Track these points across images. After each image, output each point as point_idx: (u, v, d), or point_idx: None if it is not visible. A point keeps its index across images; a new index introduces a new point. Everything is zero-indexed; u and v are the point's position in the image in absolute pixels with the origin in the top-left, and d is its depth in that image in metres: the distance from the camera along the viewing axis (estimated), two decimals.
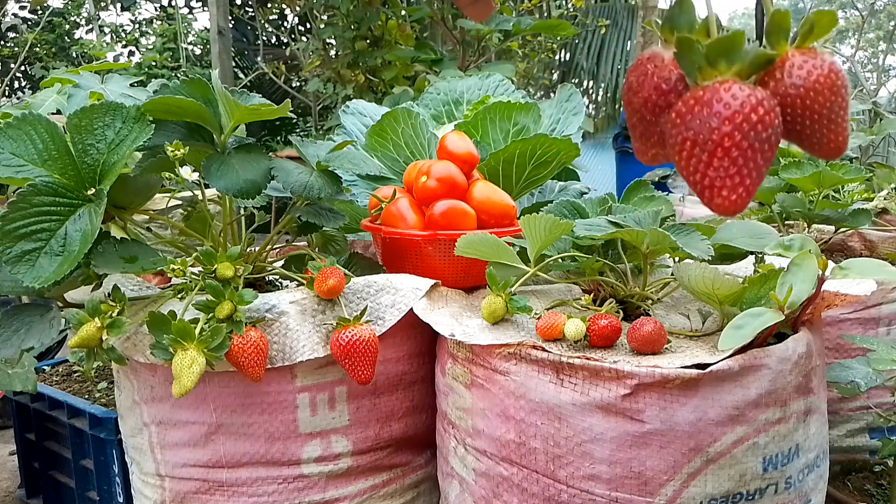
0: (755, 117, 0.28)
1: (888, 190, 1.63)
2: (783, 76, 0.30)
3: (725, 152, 0.28)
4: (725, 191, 0.28)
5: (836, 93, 0.30)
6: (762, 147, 0.28)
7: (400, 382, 0.91)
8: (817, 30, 0.30)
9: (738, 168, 0.28)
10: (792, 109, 0.30)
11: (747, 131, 0.28)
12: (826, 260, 0.70)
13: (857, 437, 1.30)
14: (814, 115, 0.30)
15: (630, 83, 0.32)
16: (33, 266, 0.73)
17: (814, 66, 0.30)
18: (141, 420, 0.88)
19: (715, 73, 0.29)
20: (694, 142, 0.28)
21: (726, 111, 0.28)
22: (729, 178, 0.28)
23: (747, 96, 0.28)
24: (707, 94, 0.28)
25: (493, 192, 0.98)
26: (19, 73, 6.19)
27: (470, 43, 2.83)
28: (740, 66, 0.29)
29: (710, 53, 0.29)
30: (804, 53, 0.30)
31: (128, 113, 0.80)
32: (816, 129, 0.30)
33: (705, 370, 0.68)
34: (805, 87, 0.29)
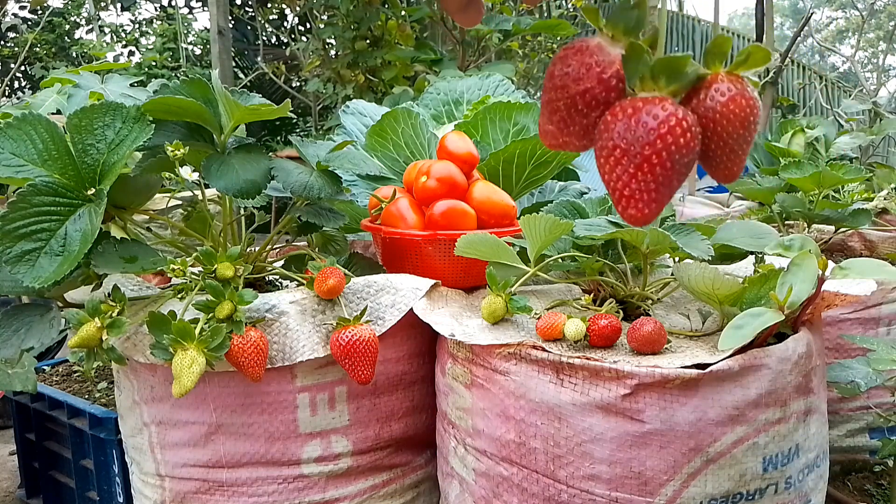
0: (682, 141, 0.29)
1: (888, 190, 1.63)
2: (705, 97, 0.31)
3: (650, 168, 0.29)
4: (641, 203, 0.29)
5: (745, 124, 0.31)
6: (679, 169, 0.29)
7: (400, 382, 0.91)
8: (751, 61, 0.31)
9: (658, 185, 0.29)
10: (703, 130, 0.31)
11: (673, 152, 0.29)
12: (826, 260, 0.70)
13: (857, 437, 1.30)
14: (720, 140, 0.31)
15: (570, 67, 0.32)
16: (33, 266, 0.73)
17: (734, 94, 0.30)
18: (141, 420, 0.88)
19: (654, 88, 0.30)
20: (624, 150, 0.29)
21: (660, 129, 0.28)
22: (647, 192, 0.29)
23: (680, 119, 0.29)
24: (645, 107, 0.29)
25: (493, 192, 0.98)
26: (19, 73, 6.19)
27: (470, 43, 2.83)
28: (677, 87, 0.30)
29: (655, 68, 0.30)
30: (731, 80, 0.31)
31: (128, 113, 0.80)
32: (719, 153, 0.31)
33: (705, 370, 0.68)
34: (721, 112, 0.30)
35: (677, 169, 0.29)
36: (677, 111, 0.29)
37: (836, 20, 18.09)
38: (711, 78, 0.31)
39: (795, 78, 6.31)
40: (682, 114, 0.29)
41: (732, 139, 0.31)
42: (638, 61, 0.30)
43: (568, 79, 0.32)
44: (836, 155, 1.81)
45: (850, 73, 11.00)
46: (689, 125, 0.29)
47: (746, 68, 0.32)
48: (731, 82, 0.31)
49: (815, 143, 1.81)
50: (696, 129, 0.30)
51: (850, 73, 11.26)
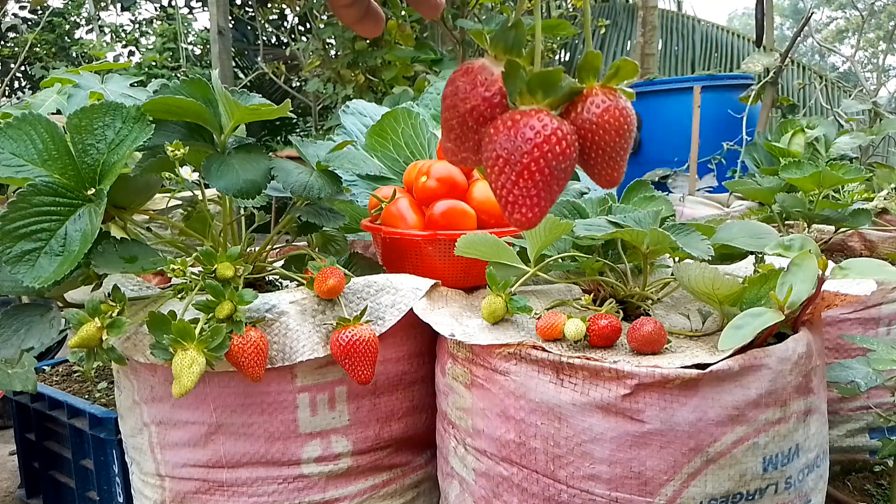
0: (559, 149, 0.31)
1: (888, 190, 1.63)
2: (582, 110, 0.33)
3: (530, 175, 0.31)
4: (525, 208, 0.31)
5: (620, 133, 0.33)
6: (559, 175, 0.31)
7: (400, 382, 0.91)
8: (622, 73, 0.34)
9: (538, 190, 0.31)
10: (583, 140, 0.33)
11: (550, 160, 0.31)
12: (826, 260, 0.70)
13: (857, 437, 1.30)
14: (598, 148, 0.33)
15: (458, 88, 0.34)
16: (33, 266, 0.73)
17: (609, 106, 0.33)
18: (141, 420, 0.88)
19: (532, 101, 0.32)
20: (506, 160, 0.31)
21: (536, 139, 0.31)
22: (529, 197, 0.31)
23: (555, 129, 0.31)
24: (523, 119, 0.31)
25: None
26: (19, 73, 6.18)
27: (470, 43, 2.83)
28: (553, 99, 0.32)
29: (531, 83, 0.32)
30: (605, 92, 0.33)
31: (128, 113, 0.80)
32: (598, 160, 0.34)
33: (705, 370, 0.68)
34: (597, 123, 0.33)
35: (556, 175, 0.31)
36: (553, 122, 0.31)
37: (836, 20, 18.09)
38: (587, 91, 0.33)
39: (795, 78, 6.31)
40: (558, 124, 0.31)
41: (609, 147, 0.33)
42: (516, 77, 0.32)
43: (457, 98, 0.34)
44: (836, 155, 1.81)
45: (850, 73, 10.99)
46: (564, 134, 0.31)
47: (618, 81, 0.34)
48: (605, 95, 0.33)
49: (815, 143, 1.81)
50: (573, 139, 0.32)
51: (850, 73, 11.25)
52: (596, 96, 0.33)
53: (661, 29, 6.72)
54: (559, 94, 0.32)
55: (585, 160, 0.34)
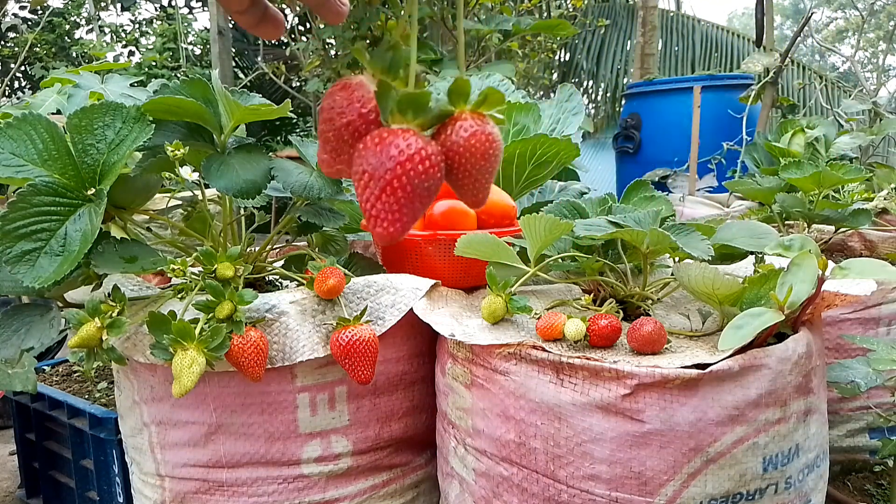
0: (421, 168, 0.32)
1: (888, 190, 1.63)
2: (451, 132, 0.34)
3: (392, 191, 0.32)
4: (386, 223, 0.33)
5: (486, 157, 0.35)
6: (421, 192, 0.33)
7: (400, 382, 0.91)
8: (490, 101, 0.35)
9: (400, 206, 0.33)
10: (451, 162, 0.35)
11: (412, 178, 0.32)
12: (826, 260, 0.70)
13: (857, 437, 1.30)
14: (464, 170, 0.35)
15: (335, 102, 0.36)
16: (33, 266, 0.73)
17: (476, 131, 0.34)
18: (141, 420, 0.88)
19: (402, 120, 0.34)
20: (371, 175, 0.33)
21: (400, 157, 0.32)
22: (391, 213, 0.33)
23: (420, 149, 0.32)
24: (390, 137, 0.33)
25: (493, 192, 0.98)
26: (19, 73, 6.18)
27: (470, 43, 2.83)
28: (423, 119, 0.34)
29: (401, 103, 0.33)
30: (475, 117, 0.35)
31: (128, 113, 0.80)
32: (464, 182, 0.35)
33: (705, 370, 0.68)
34: (463, 146, 0.34)
35: (418, 193, 0.33)
36: (419, 142, 0.33)
37: (836, 20, 18.09)
38: (458, 115, 0.35)
39: (795, 78, 6.31)
40: (423, 144, 0.33)
41: (475, 169, 0.35)
42: (387, 97, 0.34)
43: (334, 112, 0.36)
44: (836, 155, 1.81)
45: (850, 73, 10.99)
46: (428, 154, 0.33)
47: (487, 108, 0.35)
48: (474, 119, 0.35)
49: (815, 143, 1.81)
50: (438, 159, 0.33)
51: (850, 73, 11.25)
52: (465, 120, 0.35)
53: (661, 29, 6.72)
54: (429, 116, 0.34)
55: (452, 180, 0.36)
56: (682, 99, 2.80)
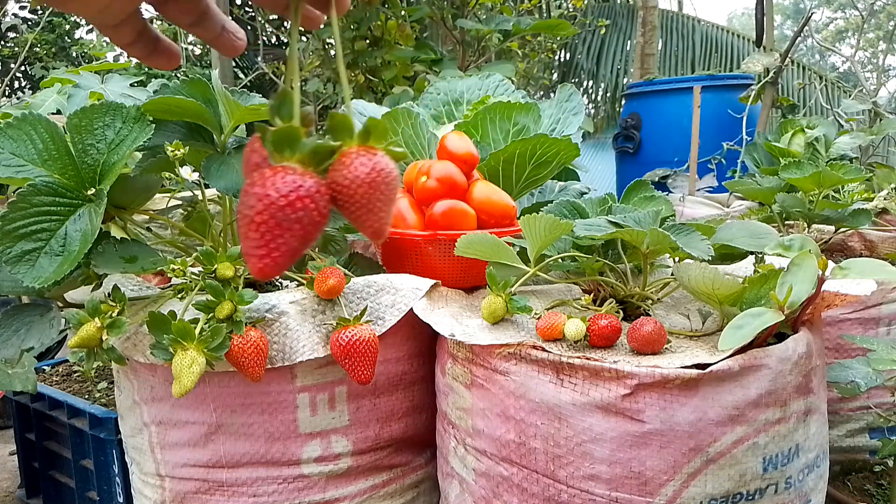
0: (284, 202, 0.33)
1: (888, 190, 1.63)
2: (339, 168, 0.35)
3: (257, 227, 0.33)
4: (256, 258, 0.33)
5: (376, 188, 0.36)
6: (291, 226, 0.33)
7: (400, 382, 0.91)
8: (375, 134, 0.36)
9: (266, 242, 0.33)
10: (339, 195, 0.35)
11: (275, 212, 0.33)
12: (826, 260, 0.70)
13: (857, 437, 1.30)
14: (354, 203, 0.35)
15: (247, 153, 0.37)
16: (33, 266, 0.73)
17: (362, 164, 0.35)
18: (141, 420, 0.88)
19: (282, 158, 0.34)
20: (243, 214, 0.33)
21: (262, 192, 0.33)
22: (259, 248, 0.33)
23: (285, 182, 0.33)
24: (258, 177, 0.33)
25: (493, 192, 0.98)
26: (19, 73, 6.18)
27: (470, 43, 2.83)
28: (301, 156, 0.34)
29: (274, 141, 0.34)
30: (363, 151, 0.36)
31: (128, 113, 0.80)
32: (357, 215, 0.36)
33: (705, 370, 0.68)
34: (351, 180, 0.35)
35: (287, 227, 0.33)
36: (285, 178, 0.33)
37: (836, 20, 18.09)
38: (346, 152, 0.36)
39: (795, 78, 6.31)
40: (293, 178, 0.33)
41: (367, 202, 0.36)
42: (265, 138, 0.35)
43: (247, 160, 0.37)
44: (836, 155, 1.81)
45: (850, 73, 10.99)
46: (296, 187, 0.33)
47: (375, 140, 0.36)
48: (360, 153, 0.36)
49: (815, 143, 1.81)
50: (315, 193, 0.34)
51: (850, 73, 11.25)
52: (352, 156, 0.35)
53: (661, 29, 6.72)
54: (305, 151, 0.34)
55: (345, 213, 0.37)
56: (682, 99, 2.80)
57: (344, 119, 0.36)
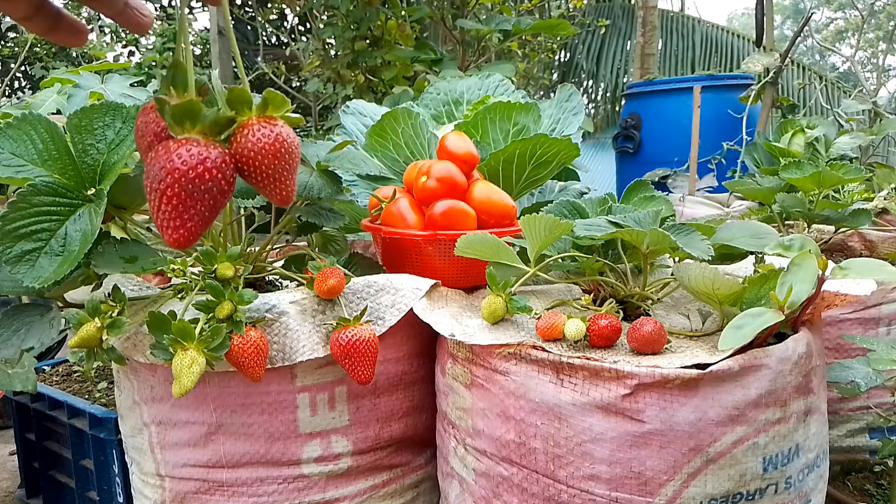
0: (192, 173, 0.33)
1: (888, 190, 1.63)
2: (241, 138, 0.35)
3: (168, 200, 0.33)
4: (171, 230, 0.33)
5: (278, 157, 0.36)
6: (202, 196, 0.33)
7: (400, 382, 0.91)
8: (272, 106, 0.36)
9: (179, 213, 0.33)
10: (244, 165, 0.35)
11: (184, 184, 0.33)
12: (826, 260, 0.70)
13: (857, 437, 1.30)
14: (259, 172, 0.36)
15: (138, 127, 0.37)
16: (33, 266, 0.73)
17: (263, 134, 0.36)
18: (141, 420, 0.88)
19: (182, 130, 0.34)
20: (150, 187, 0.33)
21: (170, 166, 0.32)
22: (172, 220, 0.33)
23: (190, 154, 0.33)
24: (163, 149, 0.33)
25: (493, 192, 0.98)
26: (19, 73, 6.18)
27: (470, 43, 2.83)
28: (202, 127, 0.34)
29: (173, 114, 0.34)
30: (263, 121, 0.36)
31: (128, 113, 0.80)
32: (263, 182, 0.36)
33: (705, 370, 0.68)
34: (253, 149, 0.35)
35: (197, 198, 0.33)
36: (190, 149, 0.33)
37: (836, 20, 18.10)
38: (248, 121, 0.36)
39: (795, 78, 6.31)
40: (196, 150, 0.33)
41: (270, 170, 0.36)
42: (164, 111, 0.35)
43: (137, 137, 0.37)
44: (836, 155, 1.81)
45: (850, 73, 10.99)
46: (201, 160, 0.33)
47: (273, 111, 0.37)
48: (261, 123, 0.36)
49: (815, 143, 1.81)
50: (220, 163, 0.34)
51: (850, 73, 11.25)
52: (252, 126, 0.36)
53: (661, 29, 6.72)
54: (206, 123, 0.35)
55: (250, 181, 0.37)
56: (682, 99, 2.80)
57: (241, 91, 0.36)
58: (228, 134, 0.36)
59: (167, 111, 0.34)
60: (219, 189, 0.34)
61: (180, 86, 0.36)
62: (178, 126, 0.34)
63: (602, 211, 0.97)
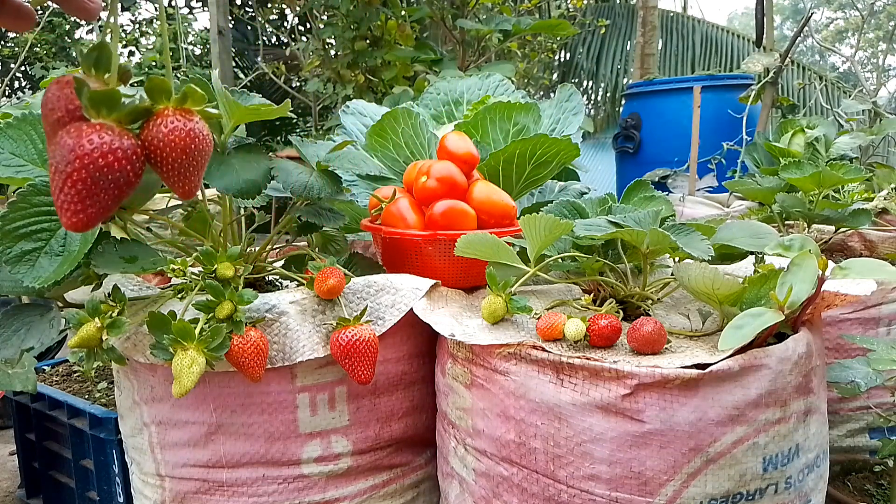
0: (102, 161, 0.33)
1: (888, 190, 1.63)
2: (154, 128, 0.35)
3: (73, 184, 0.33)
4: (70, 213, 0.33)
5: (187, 151, 0.36)
6: (107, 185, 0.33)
7: (400, 382, 0.91)
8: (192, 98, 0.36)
9: (82, 198, 0.33)
10: (153, 154, 0.35)
11: (92, 171, 0.33)
12: (826, 260, 0.70)
13: (857, 437, 1.30)
14: (166, 163, 0.36)
15: (48, 99, 0.36)
16: (33, 266, 0.73)
17: (176, 127, 0.35)
18: (141, 420, 0.88)
19: (97, 116, 0.34)
20: (55, 168, 0.33)
21: (79, 151, 0.32)
22: (73, 203, 0.33)
23: (102, 142, 0.33)
24: (73, 132, 0.33)
25: (493, 192, 0.98)
26: (19, 73, 6.18)
27: (470, 43, 2.83)
28: (118, 115, 0.34)
29: (91, 99, 0.34)
30: (179, 114, 0.36)
31: None
32: (167, 174, 0.36)
33: (705, 370, 0.68)
34: (163, 140, 0.35)
35: (102, 185, 0.33)
36: (106, 136, 0.33)
37: (836, 20, 18.10)
38: (162, 111, 0.36)
39: (795, 78, 6.31)
40: (111, 139, 0.33)
41: (177, 163, 0.36)
42: (82, 92, 0.34)
43: (46, 109, 0.36)
44: (836, 155, 1.81)
45: (850, 73, 11.00)
46: (112, 149, 0.33)
47: (191, 104, 0.36)
48: (176, 116, 0.36)
49: (815, 143, 1.81)
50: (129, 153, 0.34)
51: (850, 73, 11.25)
52: (167, 117, 0.35)
53: (661, 29, 6.72)
54: (123, 111, 0.35)
55: (158, 172, 0.37)
56: (682, 99, 2.80)
57: (162, 82, 0.36)
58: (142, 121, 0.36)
59: (85, 94, 0.34)
60: (125, 180, 0.34)
61: (102, 68, 0.36)
62: (93, 111, 0.34)
63: (602, 211, 0.97)
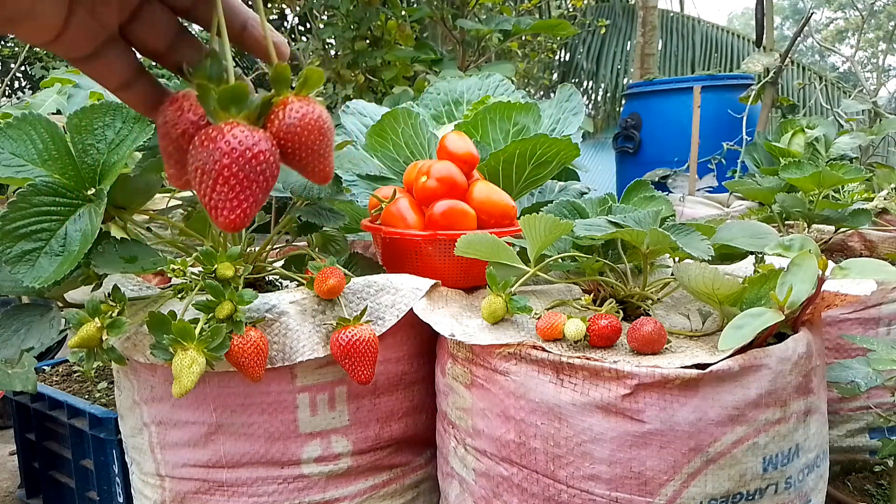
0: (250, 154, 0.34)
1: (888, 190, 1.63)
2: (283, 117, 0.36)
3: (225, 181, 0.34)
4: (226, 211, 0.34)
5: (321, 132, 0.37)
6: (257, 178, 0.34)
7: (400, 382, 0.91)
8: (309, 83, 0.37)
9: (236, 194, 0.34)
10: (289, 143, 0.36)
11: (242, 164, 0.34)
12: (826, 260, 0.70)
13: (857, 437, 1.30)
14: (305, 148, 0.37)
15: (167, 118, 0.37)
16: (33, 266, 0.73)
17: (306, 111, 0.36)
18: (141, 420, 0.88)
19: (227, 116, 0.35)
20: (202, 170, 0.34)
21: (226, 147, 0.33)
22: (228, 201, 0.34)
23: (245, 136, 0.34)
24: (215, 132, 0.34)
25: (493, 192, 0.98)
26: (19, 73, 6.18)
27: (470, 43, 2.83)
28: (248, 112, 0.35)
29: (220, 100, 0.35)
30: (300, 100, 0.37)
31: (128, 113, 0.80)
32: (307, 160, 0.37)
33: (705, 370, 0.68)
34: (299, 126, 0.36)
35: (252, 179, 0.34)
36: (245, 131, 0.34)
37: (836, 21, 18.10)
38: (283, 101, 0.37)
39: (795, 78, 6.32)
40: (249, 132, 0.34)
41: (316, 146, 0.37)
42: (207, 98, 0.35)
43: (168, 127, 0.37)
44: (836, 155, 1.81)
45: (850, 73, 11.00)
46: (256, 140, 0.34)
47: (308, 90, 0.37)
48: (300, 102, 0.37)
49: (815, 143, 1.81)
50: (268, 145, 0.35)
51: (850, 73, 11.26)
52: (293, 104, 0.36)
53: (661, 29, 6.73)
54: (252, 107, 0.36)
55: (294, 161, 0.37)
56: (682, 99, 2.80)
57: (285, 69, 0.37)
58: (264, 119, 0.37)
59: (213, 97, 0.35)
60: (271, 172, 0.35)
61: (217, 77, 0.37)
62: (223, 111, 0.35)
63: (602, 211, 0.97)
